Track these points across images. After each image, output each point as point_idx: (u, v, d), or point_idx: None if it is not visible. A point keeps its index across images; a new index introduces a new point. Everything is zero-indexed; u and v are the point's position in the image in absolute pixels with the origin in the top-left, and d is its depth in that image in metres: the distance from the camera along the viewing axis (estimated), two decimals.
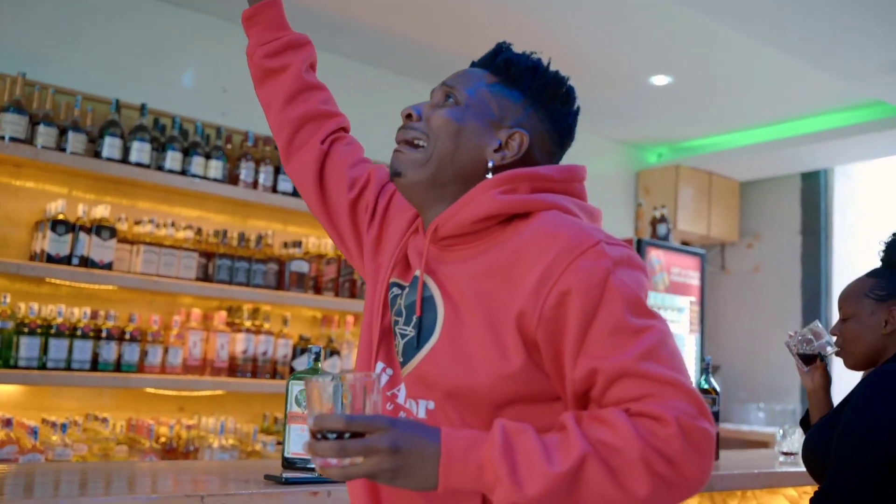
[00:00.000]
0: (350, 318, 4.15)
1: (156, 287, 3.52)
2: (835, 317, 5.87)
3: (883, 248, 2.19)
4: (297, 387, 1.77)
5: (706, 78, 4.83)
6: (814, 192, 6.11)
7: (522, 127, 1.30)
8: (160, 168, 3.59)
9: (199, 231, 3.73)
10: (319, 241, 4.07)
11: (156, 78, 4.01)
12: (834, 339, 2.22)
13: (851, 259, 5.82)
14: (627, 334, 1.09)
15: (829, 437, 2.03)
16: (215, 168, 3.71)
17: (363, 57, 4.66)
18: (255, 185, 3.84)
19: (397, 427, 1.01)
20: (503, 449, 1.02)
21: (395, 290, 1.32)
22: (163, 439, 3.43)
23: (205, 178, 3.68)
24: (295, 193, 3.93)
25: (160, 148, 3.62)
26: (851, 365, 2.16)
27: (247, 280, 3.77)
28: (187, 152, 3.67)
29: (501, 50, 1.36)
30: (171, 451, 3.40)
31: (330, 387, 1.01)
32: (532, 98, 1.32)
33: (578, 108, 1.39)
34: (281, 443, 3.66)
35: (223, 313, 3.76)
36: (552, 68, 1.37)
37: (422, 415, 1.20)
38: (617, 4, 3.95)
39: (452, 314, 1.21)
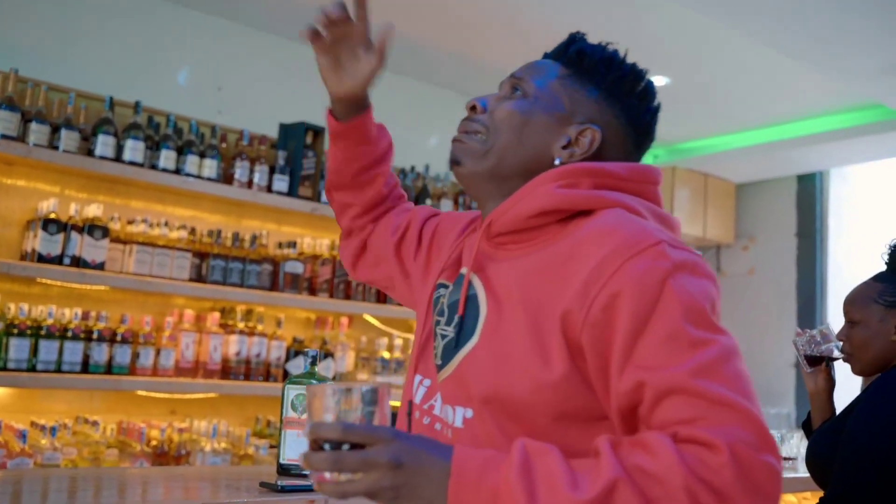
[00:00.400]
0: (344, 320, 4.11)
1: (148, 288, 3.47)
2: (830, 319, 5.86)
3: (888, 251, 2.16)
4: (293, 391, 1.74)
5: (703, 79, 4.81)
6: (809, 194, 6.09)
7: (595, 123, 1.20)
8: (154, 167, 3.54)
9: (192, 231, 3.68)
10: (314, 242, 4.03)
11: (150, 75, 3.97)
12: (841, 343, 2.19)
13: (847, 262, 5.81)
14: (683, 345, 0.95)
15: (834, 443, 2.01)
16: (210, 167, 3.67)
17: None
18: (249, 184, 3.80)
19: (401, 440, 0.91)
20: (521, 471, 0.90)
21: (441, 291, 1.25)
22: (154, 442, 3.38)
23: (199, 177, 3.63)
24: (290, 193, 3.89)
25: (154, 146, 3.58)
26: (859, 371, 2.14)
27: (241, 281, 3.73)
28: (181, 151, 3.63)
29: (574, 40, 1.27)
30: (162, 455, 3.36)
31: (331, 394, 0.91)
32: (607, 92, 1.22)
33: (659, 106, 1.29)
34: (274, 446, 3.63)
35: (216, 314, 3.71)
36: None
37: (458, 423, 1.10)
38: (614, 4, 3.92)
39: (495, 314, 1.11)
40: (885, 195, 5.94)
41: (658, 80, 4.80)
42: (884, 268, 2.17)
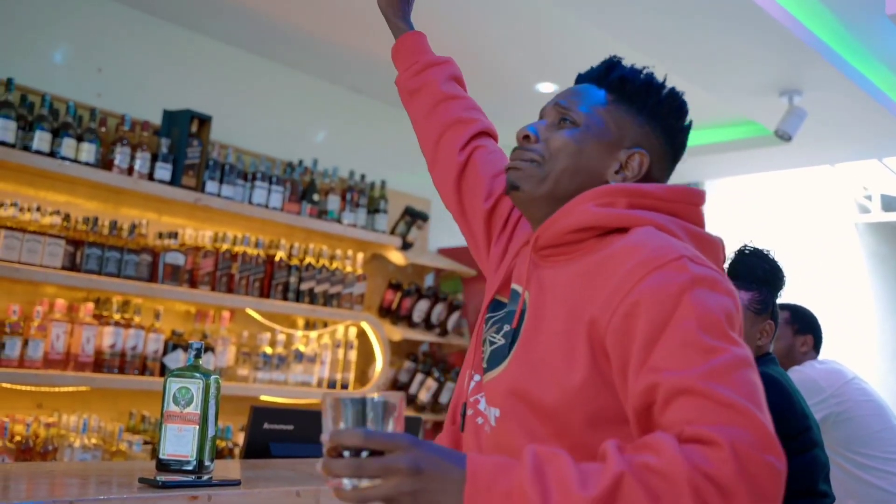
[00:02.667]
0: (226, 314, 4.01)
1: (17, 275, 3.30)
2: None
3: (728, 262, 2.32)
4: (175, 384, 1.68)
5: None
6: None
7: (641, 146, 1.28)
8: (26, 148, 3.37)
9: (67, 217, 3.52)
10: (196, 233, 3.92)
11: (25, 52, 3.77)
12: None
13: None
14: (697, 351, 0.99)
15: None
16: (87, 151, 3.51)
17: (250, 46, 4.53)
18: (130, 171, 3.66)
19: (420, 447, 0.94)
20: (534, 475, 0.92)
21: (497, 306, 1.34)
22: (18, 438, 3.21)
23: (76, 161, 3.48)
24: (172, 182, 3.77)
25: (27, 127, 3.40)
26: None
27: (117, 271, 3.59)
28: (57, 133, 3.46)
29: (614, 65, 1.34)
30: (26, 451, 3.19)
31: (350, 404, 0.94)
32: (649, 116, 1.30)
33: (691, 122, 1.37)
34: (148, 442, 3.52)
35: (90, 305, 3.56)
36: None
37: (492, 422, 1.20)
38: (506, 9, 3.98)
39: (534, 321, 1.19)
40: (754, 207, 6.26)
41: (546, 87, 4.91)
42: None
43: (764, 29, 3.69)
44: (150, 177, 3.72)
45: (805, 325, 3.05)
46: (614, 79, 1.31)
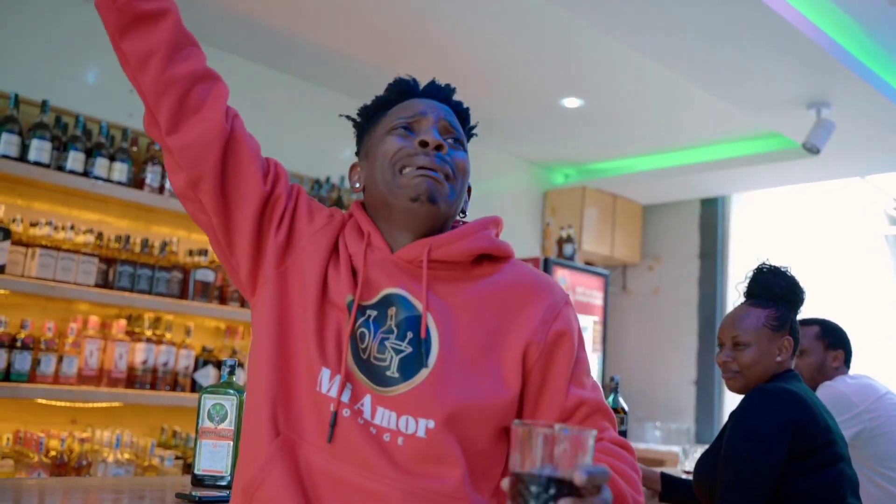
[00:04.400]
0: None
1: (52, 292, 3.36)
2: None
3: (747, 281, 2.34)
4: (209, 401, 1.71)
5: (615, 102, 4.95)
6: (712, 217, 6.32)
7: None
8: (60, 168, 3.43)
9: (99, 235, 3.58)
10: None
11: (59, 74, 3.84)
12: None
13: None
14: (589, 374, 1.33)
15: (716, 461, 2.14)
16: (119, 171, 3.58)
17: (272, 62, 4.58)
18: (160, 189, 3.72)
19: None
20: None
21: (368, 308, 1.27)
22: (53, 453, 3.26)
23: (108, 180, 3.54)
24: None
25: (61, 147, 3.47)
26: (741, 388, 2.27)
27: (149, 288, 3.64)
28: (90, 153, 3.52)
29: (452, 90, 1.46)
30: (61, 466, 3.24)
31: (565, 436, 0.90)
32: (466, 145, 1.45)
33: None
34: (179, 457, 3.55)
35: (123, 322, 3.61)
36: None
37: (421, 433, 1.17)
38: (533, 25, 4.00)
39: (449, 335, 1.25)
40: (782, 221, 6.22)
41: (571, 102, 4.92)
42: (740, 298, 2.36)
43: (791, 42, 3.69)
44: None
45: (835, 340, 3.03)
46: (462, 110, 1.43)
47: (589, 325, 5.51)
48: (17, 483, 2.19)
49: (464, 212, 1.42)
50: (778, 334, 2.23)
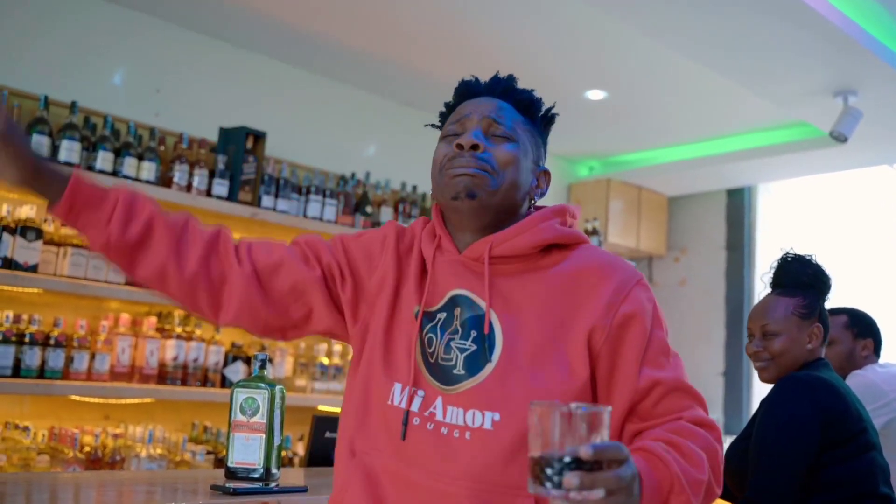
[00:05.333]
0: None
1: (83, 291, 3.41)
2: None
3: (773, 271, 2.34)
4: (241, 395, 1.73)
5: (640, 94, 4.93)
6: (738, 208, 6.28)
7: (543, 165, 1.45)
8: (90, 168, 3.48)
9: None
10: None
11: (87, 75, 3.89)
12: None
13: None
14: (669, 355, 1.31)
15: (745, 449, 2.14)
16: (148, 170, 3.62)
17: (296, 60, 4.61)
18: (188, 188, 3.76)
19: (630, 457, 1.02)
20: (678, 465, 1.17)
21: (437, 312, 1.34)
22: (87, 448, 3.31)
23: (137, 179, 3.58)
24: (230, 198, 3.86)
25: (91, 147, 3.51)
26: (773, 377, 2.26)
27: None
28: (119, 153, 3.57)
29: (513, 83, 1.45)
30: (95, 461, 3.29)
31: (582, 416, 0.96)
32: (541, 133, 1.45)
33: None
34: (211, 452, 3.59)
35: (153, 319, 3.66)
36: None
37: (487, 426, 1.23)
38: (556, 18, 4.00)
39: (512, 328, 1.28)
40: (808, 210, 6.17)
41: (595, 95, 4.90)
42: (766, 289, 2.35)
43: (817, 30, 3.65)
44: (208, 193, 3.81)
45: (864, 329, 3.01)
46: (525, 101, 1.43)
47: None
48: (54, 477, 2.23)
49: (534, 200, 1.41)
50: (807, 322, 2.23)
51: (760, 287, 2.40)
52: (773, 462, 2.03)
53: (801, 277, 2.28)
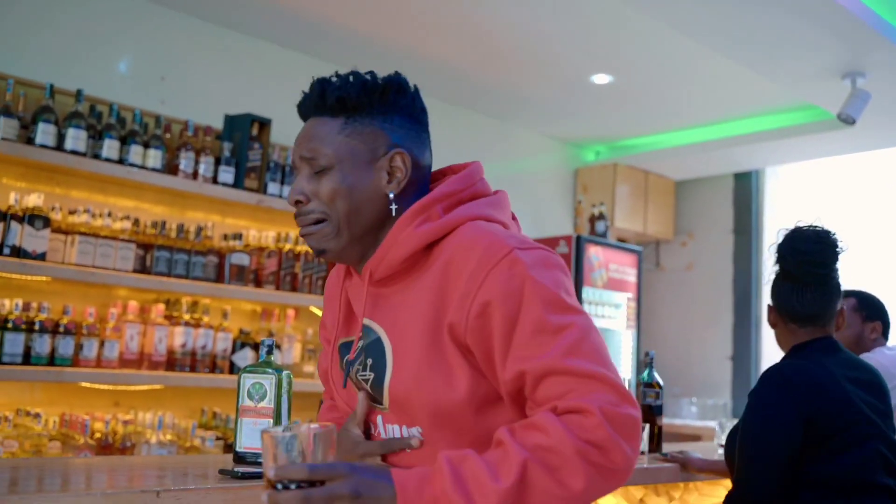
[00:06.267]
0: (290, 312, 4.10)
1: (91, 279, 3.42)
2: (764, 312, 6.03)
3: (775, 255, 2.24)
4: (248, 380, 1.74)
5: (646, 78, 4.91)
6: (745, 192, 6.27)
7: (394, 146, 1.31)
8: (97, 156, 3.49)
9: (136, 222, 3.63)
10: (260, 234, 4.01)
11: (92, 63, 3.90)
12: None
13: None
14: (549, 333, 1.14)
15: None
16: (154, 157, 3.62)
17: (303, 47, 4.60)
18: (194, 175, 3.76)
19: (357, 473, 1.05)
20: (453, 478, 1.06)
21: (353, 341, 1.37)
22: (98, 435, 3.34)
23: (143, 167, 3.59)
24: (235, 185, 3.86)
25: (97, 136, 3.52)
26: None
27: (186, 272, 3.69)
28: (125, 141, 3.58)
29: (324, 88, 1.32)
30: (106, 447, 3.31)
31: (287, 438, 1.04)
32: (381, 112, 1.31)
33: (416, 87, 1.38)
34: (220, 438, 3.61)
35: (161, 306, 3.67)
36: (365, 72, 1.34)
37: (420, 438, 1.28)
38: (562, 2, 3.98)
39: (399, 342, 1.26)
40: (816, 193, 6.14)
41: (601, 79, 4.89)
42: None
43: (825, 11, 3.63)
44: (214, 180, 3.81)
45: (873, 312, 3.00)
46: (334, 103, 1.30)
47: (623, 302, 5.50)
48: (65, 462, 2.25)
49: (394, 200, 1.30)
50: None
51: (769, 270, 2.34)
52: (754, 462, 2.00)
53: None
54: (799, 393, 2.00)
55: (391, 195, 1.30)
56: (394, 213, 1.30)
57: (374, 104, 1.31)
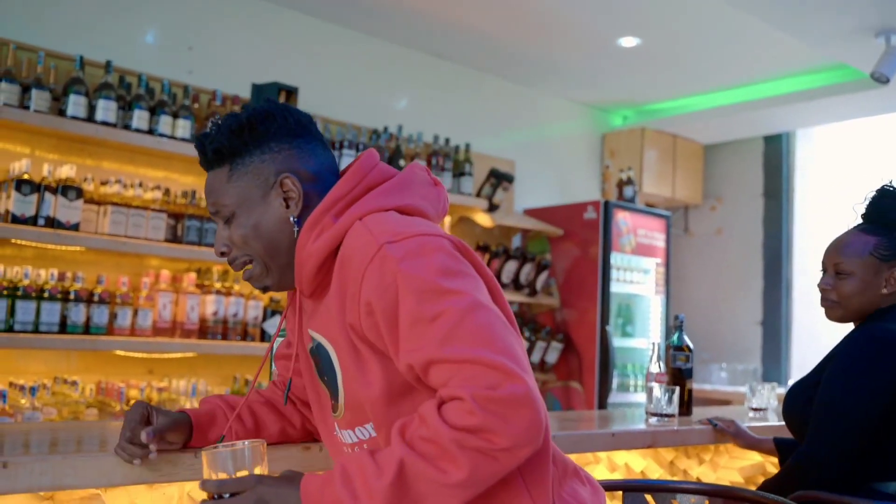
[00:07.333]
0: None
1: (124, 248, 3.47)
2: (795, 277, 5.99)
3: (866, 203, 2.15)
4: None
5: (673, 40, 4.85)
6: (776, 155, 6.19)
7: (279, 172, 1.35)
8: (127, 127, 3.52)
9: (167, 192, 3.67)
10: None
11: (120, 35, 3.92)
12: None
13: (812, 221, 5.92)
14: (425, 324, 1.15)
15: (811, 397, 2.05)
16: (182, 127, 3.65)
17: (327, 16, 4.59)
18: None
19: (263, 483, 1.19)
20: (342, 480, 1.14)
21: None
22: (133, 402, 3.39)
23: (173, 137, 3.62)
24: None
25: (126, 106, 3.55)
26: (839, 318, 2.14)
27: None
28: (154, 111, 3.60)
29: (203, 144, 1.38)
30: None
31: (220, 454, 1.22)
32: (256, 147, 1.35)
33: (285, 105, 1.41)
34: None
35: (193, 275, 3.72)
36: (236, 105, 1.42)
37: (374, 434, 1.32)
38: None
39: (336, 347, 1.31)
40: (849, 155, 6.06)
41: (629, 42, 4.83)
42: (857, 220, 2.17)
43: None
44: None
45: None
46: (212, 156, 1.36)
47: (651, 268, 5.47)
48: (103, 425, 2.30)
49: (295, 221, 1.35)
50: (886, 265, 2.06)
51: (802, 233, 2.25)
52: (837, 423, 1.94)
53: (890, 215, 2.10)
54: (893, 358, 1.95)
55: (292, 219, 1.35)
56: (296, 235, 1.35)
57: (247, 143, 1.35)
